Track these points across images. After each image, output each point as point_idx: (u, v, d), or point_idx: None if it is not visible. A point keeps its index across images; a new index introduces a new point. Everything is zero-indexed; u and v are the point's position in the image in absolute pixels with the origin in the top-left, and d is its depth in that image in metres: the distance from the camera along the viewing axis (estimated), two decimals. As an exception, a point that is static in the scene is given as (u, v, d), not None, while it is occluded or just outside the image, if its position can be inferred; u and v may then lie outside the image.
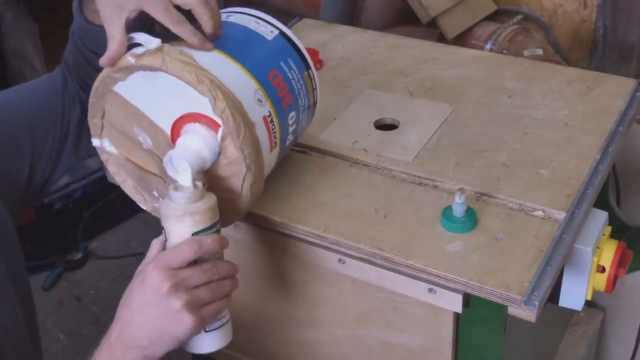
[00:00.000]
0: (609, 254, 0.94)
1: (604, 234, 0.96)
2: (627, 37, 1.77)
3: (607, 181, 1.16)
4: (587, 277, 0.94)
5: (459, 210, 0.90)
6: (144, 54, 0.83)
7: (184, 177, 0.82)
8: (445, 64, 1.26)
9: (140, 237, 2.32)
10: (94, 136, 0.93)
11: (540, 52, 1.71)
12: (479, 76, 1.22)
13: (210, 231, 0.83)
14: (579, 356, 1.37)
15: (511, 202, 0.95)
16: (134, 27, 0.85)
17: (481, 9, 1.86)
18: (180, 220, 0.81)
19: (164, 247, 0.84)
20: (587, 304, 1.01)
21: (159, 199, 0.93)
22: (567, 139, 1.05)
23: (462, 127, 1.09)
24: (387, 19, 1.92)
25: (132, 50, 0.84)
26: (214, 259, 0.84)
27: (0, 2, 2.24)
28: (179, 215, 0.81)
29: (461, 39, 1.82)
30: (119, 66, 0.84)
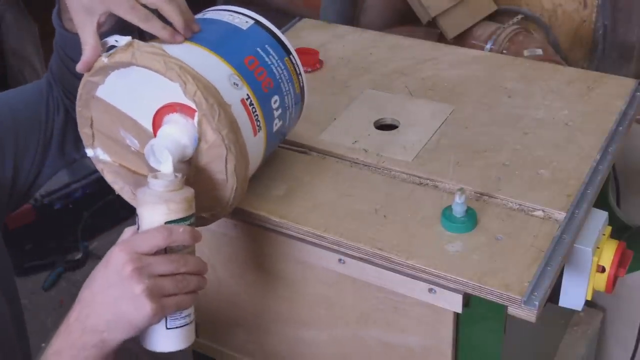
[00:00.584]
0: (609, 254, 0.94)
1: (604, 234, 0.96)
2: (627, 37, 1.77)
3: (607, 181, 1.16)
4: (587, 277, 0.94)
5: (459, 210, 0.90)
6: (115, 52, 0.84)
7: (166, 166, 0.83)
8: (445, 64, 1.26)
9: (140, 237, 2.32)
10: (86, 146, 0.94)
11: (540, 52, 1.71)
12: (479, 76, 1.22)
13: (183, 223, 0.82)
14: (579, 356, 1.37)
15: (511, 202, 0.95)
16: (115, 33, 0.86)
17: (481, 9, 1.86)
18: (154, 207, 0.81)
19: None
20: (587, 304, 1.01)
21: None
22: (567, 139, 1.05)
23: (462, 127, 1.09)
24: (387, 19, 1.92)
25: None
26: (185, 252, 0.82)
27: (0, 2, 2.24)
28: (153, 202, 0.81)
29: (461, 39, 1.82)
30: (95, 68, 0.86)
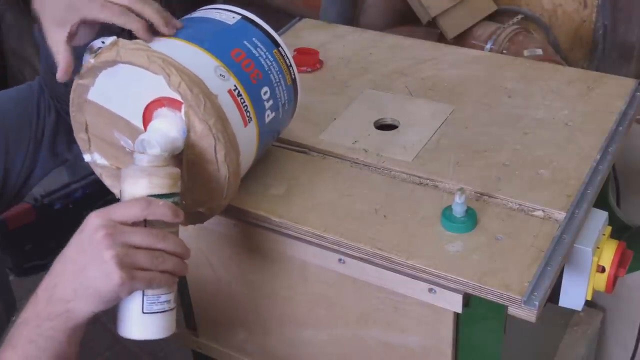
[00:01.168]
0: (609, 254, 0.94)
1: (604, 234, 0.96)
2: (627, 37, 1.77)
3: (607, 181, 1.16)
4: (587, 277, 0.94)
5: (459, 210, 0.90)
6: (101, 52, 0.84)
7: (155, 150, 0.82)
8: (445, 64, 1.26)
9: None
10: (84, 152, 0.94)
11: (540, 52, 1.71)
12: (479, 76, 1.22)
13: (166, 200, 0.80)
14: (579, 356, 1.37)
15: (511, 202, 0.95)
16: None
17: (481, 9, 1.86)
18: (136, 180, 0.80)
19: None
20: (587, 304, 1.01)
21: None
22: (567, 139, 1.05)
23: (462, 127, 1.09)
24: (387, 19, 1.92)
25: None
26: (168, 232, 0.80)
27: (0, 2, 2.24)
28: (136, 175, 0.80)
29: (461, 39, 1.82)
30: (83, 70, 0.86)
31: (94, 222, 0.76)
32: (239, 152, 0.88)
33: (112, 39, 0.85)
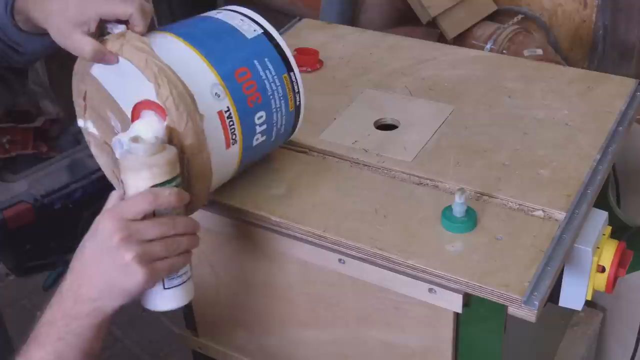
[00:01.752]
0: (609, 254, 0.94)
1: (604, 234, 0.96)
2: (627, 37, 1.77)
3: (607, 181, 1.16)
4: (587, 277, 0.94)
5: (459, 210, 0.90)
6: (108, 39, 0.85)
7: (147, 135, 0.82)
8: (445, 64, 1.26)
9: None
10: (78, 117, 0.95)
11: (540, 52, 1.71)
12: (479, 76, 1.22)
13: (169, 185, 0.81)
14: (579, 356, 1.37)
15: (511, 202, 0.95)
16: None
17: (481, 9, 1.86)
18: (137, 173, 0.80)
19: (123, 199, 0.83)
20: (587, 304, 1.01)
21: None
22: (567, 139, 1.05)
23: (462, 127, 1.09)
24: (387, 19, 1.92)
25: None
26: (174, 214, 0.82)
27: (0, 2, 2.24)
28: (136, 168, 0.80)
29: (461, 39, 1.82)
30: None
31: (107, 226, 0.78)
32: (209, 176, 0.88)
33: (122, 27, 0.85)
